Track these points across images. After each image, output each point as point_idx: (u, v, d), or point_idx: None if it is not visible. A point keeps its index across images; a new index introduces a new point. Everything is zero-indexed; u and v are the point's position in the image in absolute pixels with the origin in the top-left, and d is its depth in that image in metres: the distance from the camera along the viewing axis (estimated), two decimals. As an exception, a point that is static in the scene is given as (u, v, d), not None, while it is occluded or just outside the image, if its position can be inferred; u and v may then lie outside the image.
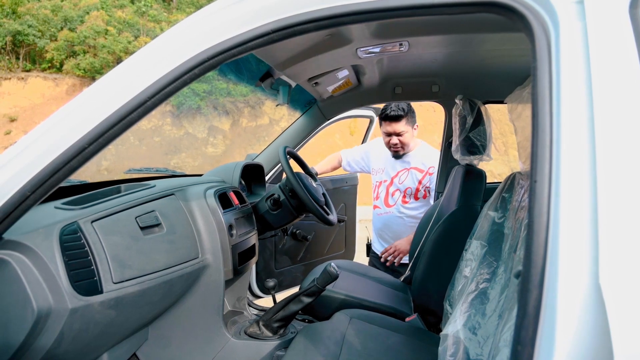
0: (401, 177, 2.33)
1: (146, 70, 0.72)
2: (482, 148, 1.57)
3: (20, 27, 19.12)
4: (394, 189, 2.35)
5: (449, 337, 1.04)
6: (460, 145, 1.61)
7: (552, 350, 0.46)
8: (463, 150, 1.61)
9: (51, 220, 0.91)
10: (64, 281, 0.85)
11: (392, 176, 2.35)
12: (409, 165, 2.31)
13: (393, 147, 2.26)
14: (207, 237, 1.30)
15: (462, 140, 1.59)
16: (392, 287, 1.88)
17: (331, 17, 0.69)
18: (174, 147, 17.78)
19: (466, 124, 1.56)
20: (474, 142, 1.56)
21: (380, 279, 1.97)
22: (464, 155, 1.62)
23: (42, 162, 0.70)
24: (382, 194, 2.39)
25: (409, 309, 1.69)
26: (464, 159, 1.65)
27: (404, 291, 1.87)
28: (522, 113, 1.19)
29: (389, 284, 1.91)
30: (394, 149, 2.26)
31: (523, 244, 0.98)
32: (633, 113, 0.52)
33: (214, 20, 0.72)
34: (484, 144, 1.56)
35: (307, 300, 1.45)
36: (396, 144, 2.23)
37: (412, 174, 2.30)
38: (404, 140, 2.22)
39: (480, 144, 1.56)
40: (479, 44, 1.46)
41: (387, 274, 2.11)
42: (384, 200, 2.38)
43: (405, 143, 2.24)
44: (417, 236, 1.88)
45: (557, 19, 0.57)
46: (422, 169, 2.29)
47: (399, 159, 2.32)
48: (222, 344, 1.40)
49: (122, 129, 0.72)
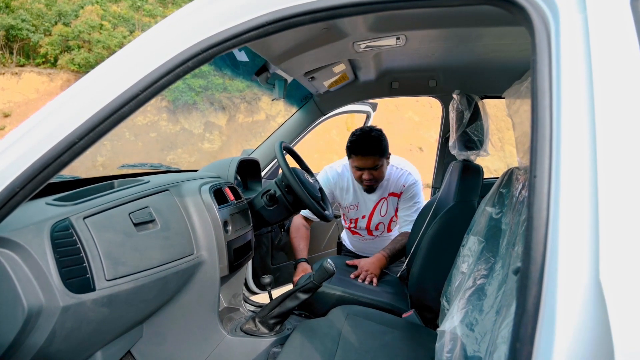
0: (382, 209, 2.08)
1: (138, 63, 0.71)
2: (480, 143, 1.56)
3: (14, 21, 18.92)
4: (377, 222, 2.12)
5: (446, 333, 1.04)
6: (458, 140, 1.60)
7: (551, 347, 0.45)
8: (460, 145, 1.60)
9: (42, 216, 0.89)
10: (55, 279, 0.84)
11: (370, 211, 2.10)
12: (385, 194, 2.06)
13: (366, 182, 1.94)
14: (202, 233, 1.29)
15: (460, 136, 1.58)
16: (388, 283, 1.88)
17: (327, 9, 0.67)
18: (170, 142, 17.72)
19: (463, 119, 1.55)
20: (471, 138, 1.55)
21: None
22: (461, 151, 1.61)
23: (31, 157, 0.68)
24: (364, 231, 2.17)
25: (405, 305, 1.68)
26: (461, 154, 1.64)
27: (400, 287, 1.87)
28: (520, 108, 1.18)
29: (385, 280, 1.91)
30: (366, 183, 1.95)
31: (522, 240, 0.97)
32: (634, 107, 0.51)
33: (207, 12, 0.70)
34: (481, 139, 1.55)
35: (303, 297, 1.44)
36: (370, 179, 1.91)
37: (391, 201, 2.08)
38: (378, 174, 1.92)
39: (478, 139, 1.55)
40: (477, 38, 1.45)
41: None
42: (367, 233, 2.18)
43: (380, 177, 1.94)
44: (414, 232, 1.87)
45: (557, 11, 0.56)
46: (397, 192, 2.06)
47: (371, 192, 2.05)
48: (218, 341, 1.39)
49: (114, 123, 0.71)
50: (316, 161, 15.28)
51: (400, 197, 2.07)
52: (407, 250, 1.88)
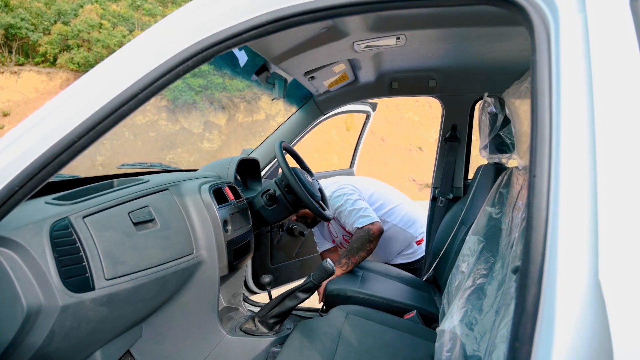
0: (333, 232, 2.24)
1: (138, 62, 0.71)
2: (512, 146, 1.52)
3: (13, 20, 18.86)
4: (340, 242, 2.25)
5: (445, 333, 1.04)
6: (490, 143, 1.57)
7: (550, 347, 0.45)
8: (492, 148, 1.57)
9: (41, 215, 0.89)
10: (55, 278, 0.84)
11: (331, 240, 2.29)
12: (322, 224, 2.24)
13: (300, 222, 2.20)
14: (202, 232, 1.29)
15: (492, 139, 1.56)
16: (415, 287, 1.86)
17: (327, 8, 0.67)
18: (170, 142, 17.71)
19: (497, 122, 1.53)
20: (504, 141, 1.53)
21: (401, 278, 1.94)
22: (492, 154, 1.59)
23: (31, 155, 0.68)
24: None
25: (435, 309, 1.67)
26: (493, 158, 1.61)
27: (428, 291, 1.85)
28: (519, 108, 1.19)
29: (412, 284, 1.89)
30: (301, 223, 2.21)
31: (521, 240, 0.97)
32: (634, 107, 0.51)
33: (207, 12, 0.70)
34: (513, 142, 1.52)
35: (303, 296, 1.44)
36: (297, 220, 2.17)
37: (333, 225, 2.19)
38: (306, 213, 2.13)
39: (510, 142, 1.52)
40: (477, 38, 1.45)
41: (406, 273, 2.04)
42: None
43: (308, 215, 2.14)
44: (441, 236, 1.84)
45: (557, 11, 0.56)
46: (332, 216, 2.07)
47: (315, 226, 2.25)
48: (217, 341, 1.39)
49: (113, 122, 0.70)
50: (316, 161, 15.28)
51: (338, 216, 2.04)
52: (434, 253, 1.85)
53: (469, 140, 2.11)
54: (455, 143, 2.09)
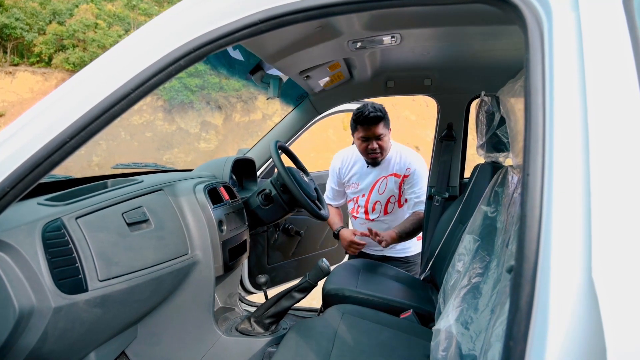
0: (380, 187, 2.14)
1: (130, 62, 0.70)
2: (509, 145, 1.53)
3: (7, 20, 18.76)
4: (374, 201, 2.16)
5: (441, 332, 1.04)
6: (487, 142, 1.58)
7: (544, 345, 0.45)
8: (489, 147, 1.57)
9: (34, 216, 0.89)
10: (47, 279, 0.83)
11: (369, 189, 2.16)
12: (386, 173, 2.12)
13: (372, 154, 2.04)
14: (197, 232, 1.28)
15: (489, 138, 1.56)
16: (412, 286, 1.86)
17: (320, 7, 0.67)
18: (166, 142, 17.66)
19: (494, 121, 1.53)
20: (501, 139, 1.52)
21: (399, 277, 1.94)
22: (489, 153, 1.59)
23: (21, 156, 0.68)
24: (361, 209, 2.21)
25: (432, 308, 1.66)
26: (490, 156, 1.62)
27: (425, 290, 1.85)
28: (514, 106, 1.19)
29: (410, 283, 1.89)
30: (372, 155, 2.05)
31: (515, 238, 0.97)
32: (626, 106, 0.51)
33: (200, 10, 0.70)
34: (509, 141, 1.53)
35: (298, 296, 1.44)
36: (375, 148, 2.02)
37: (391, 181, 2.12)
38: (383, 144, 2.03)
39: (507, 141, 1.52)
40: (472, 37, 1.45)
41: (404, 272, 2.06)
42: (364, 214, 2.21)
43: (384, 148, 2.05)
44: (439, 235, 1.84)
45: (550, 10, 0.57)
46: (399, 173, 2.11)
47: (375, 167, 2.13)
48: (213, 341, 1.39)
49: (106, 122, 0.70)
50: (312, 160, 15.26)
51: (405, 180, 2.11)
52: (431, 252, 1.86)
53: (464, 139, 2.11)
54: (450, 142, 2.09)
